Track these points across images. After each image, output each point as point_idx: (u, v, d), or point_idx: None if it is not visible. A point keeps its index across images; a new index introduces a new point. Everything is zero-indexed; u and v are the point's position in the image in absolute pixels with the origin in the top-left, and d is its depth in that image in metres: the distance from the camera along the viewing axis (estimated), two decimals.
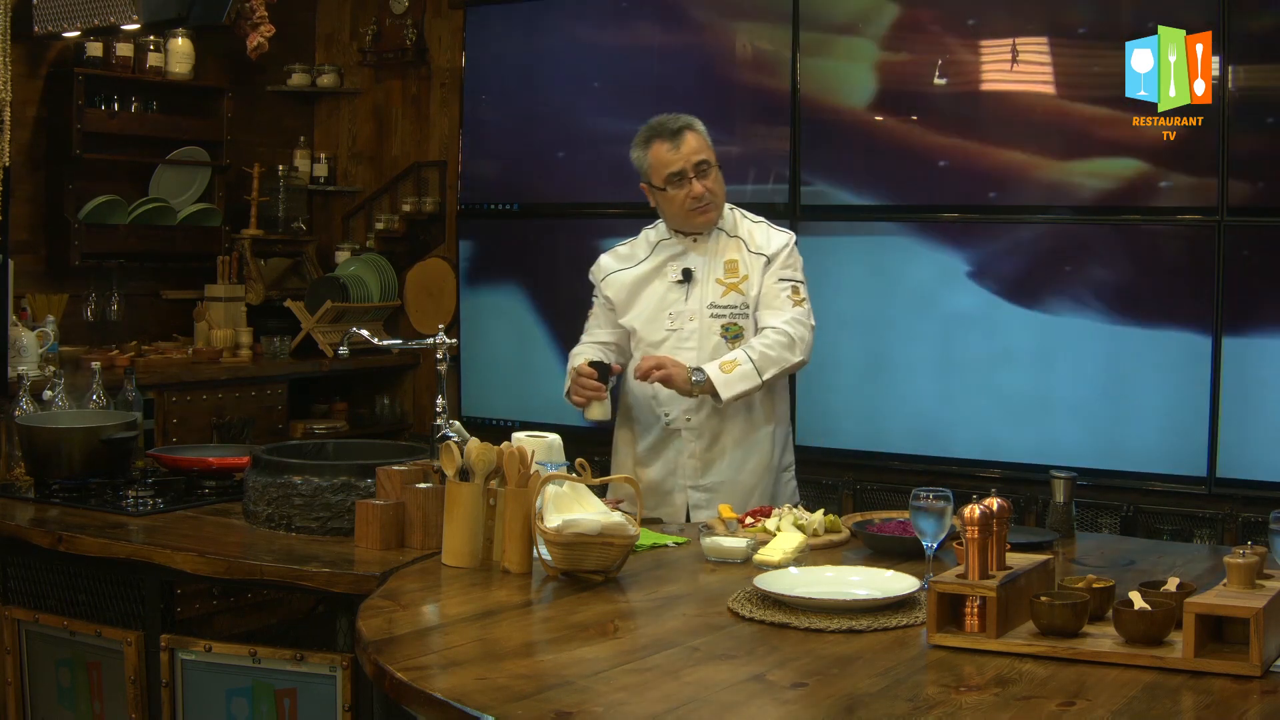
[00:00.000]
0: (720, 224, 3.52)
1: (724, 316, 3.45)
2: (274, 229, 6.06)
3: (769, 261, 3.46)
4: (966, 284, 4.85)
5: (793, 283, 3.45)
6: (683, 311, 3.49)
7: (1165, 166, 4.49)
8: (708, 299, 3.47)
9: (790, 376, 3.63)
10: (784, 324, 3.38)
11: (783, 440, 3.60)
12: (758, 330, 3.44)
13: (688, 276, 3.49)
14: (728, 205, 3.56)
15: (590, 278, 3.66)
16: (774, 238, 3.51)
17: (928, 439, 4.90)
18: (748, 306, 3.46)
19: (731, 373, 3.31)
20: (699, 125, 3.48)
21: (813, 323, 3.46)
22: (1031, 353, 4.74)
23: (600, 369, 3.42)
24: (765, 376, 3.33)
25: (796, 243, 3.52)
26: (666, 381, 3.34)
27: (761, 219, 3.58)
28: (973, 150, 4.81)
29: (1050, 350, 4.71)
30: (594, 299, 3.65)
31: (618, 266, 3.59)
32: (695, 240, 3.52)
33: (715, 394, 3.32)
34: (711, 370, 3.32)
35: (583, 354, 3.55)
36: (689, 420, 3.49)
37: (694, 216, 3.47)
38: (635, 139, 3.51)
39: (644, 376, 3.36)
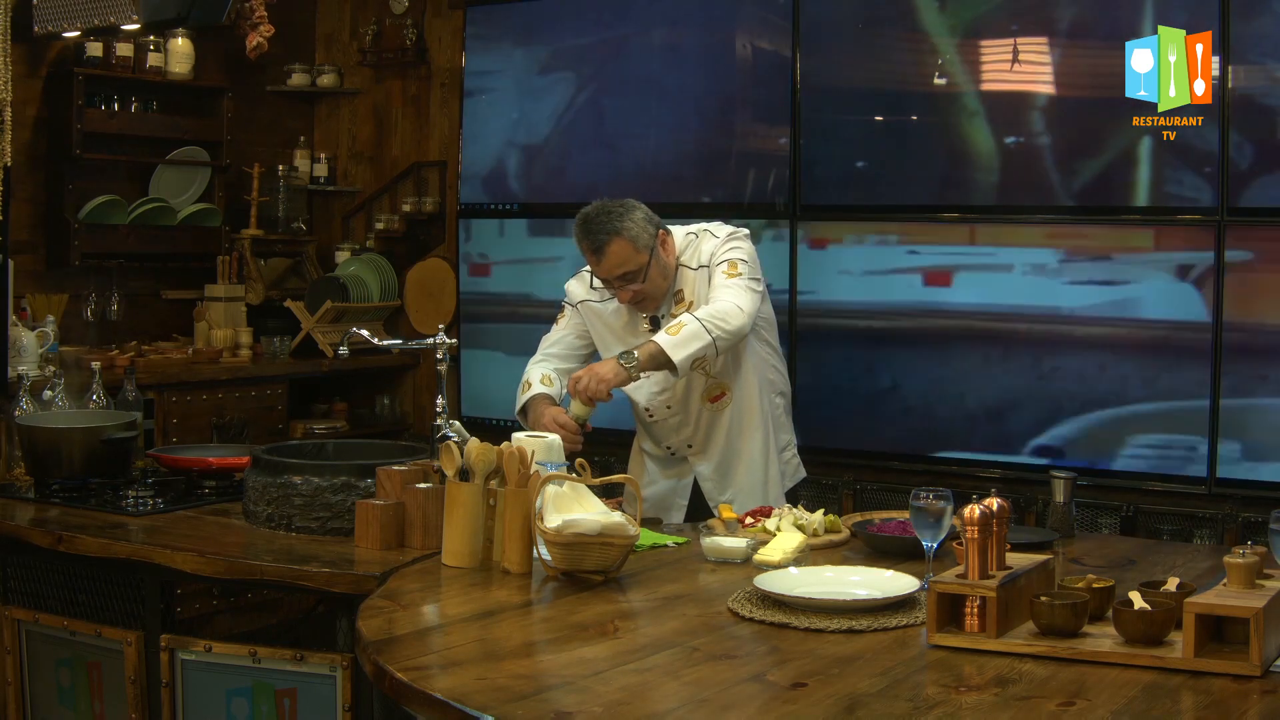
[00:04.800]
0: None
1: None
2: (274, 229, 6.06)
3: (709, 266, 3.41)
4: (967, 284, 4.85)
5: (728, 260, 3.38)
6: None
7: (1165, 166, 4.49)
8: None
9: (789, 375, 3.64)
10: (722, 294, 3.31)
11: (775, 423, 3.59)
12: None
13: (656, 325, 3.46)
14: (681, 229, 3.49)
15: (564, 292, 3.64)
16: (711, 245, 3.42)
17: (928, 439, 4.90)
18: None
19: (679, 334, 3.21)
20: (629, 229, 3.33)
21: (753, 289, 3.35)
22: (1032, 352, 4.74)
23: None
24: (714, 334, 3.22)
25: (739, 235, 3.44)
26: (600, 391, 3.24)
27: (710, 228, 3.48)
28: (973, 150, 4.81)
29: (1051, 350, 4.71)
30: (565, 305, 3.62)
31: (591, 298, 3.54)
32: None
33: (670, 365, 3.22)
34: (660, 338, 3.23)
35: (541, 372, 3.50)
36: (689, 447, 3.55)
37: (632, 308, 3.46)
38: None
39: (585, 399, 3.28)
